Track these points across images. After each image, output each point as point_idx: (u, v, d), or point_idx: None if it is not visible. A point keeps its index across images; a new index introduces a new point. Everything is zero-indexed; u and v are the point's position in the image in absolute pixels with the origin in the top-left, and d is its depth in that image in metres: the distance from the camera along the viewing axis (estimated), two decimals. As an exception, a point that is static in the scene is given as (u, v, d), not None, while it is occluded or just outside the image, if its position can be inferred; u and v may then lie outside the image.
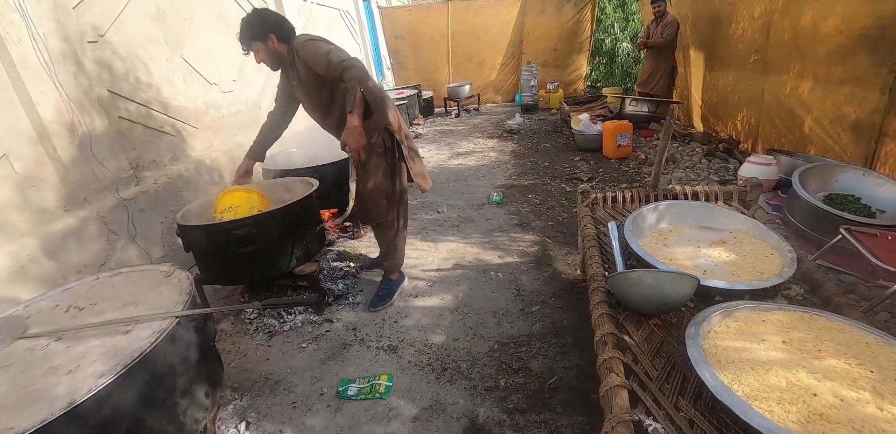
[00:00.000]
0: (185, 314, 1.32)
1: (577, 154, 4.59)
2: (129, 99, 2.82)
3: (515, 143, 5.29)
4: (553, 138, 5.41)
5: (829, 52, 3.23)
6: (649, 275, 1.22)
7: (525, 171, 4.22)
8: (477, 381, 1.69)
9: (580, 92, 7.93)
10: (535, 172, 4.15)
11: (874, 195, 2.28)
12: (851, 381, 0.95)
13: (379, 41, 8.70)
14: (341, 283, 2.43)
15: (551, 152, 4.81)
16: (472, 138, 5.66)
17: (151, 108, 2.98)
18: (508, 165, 4.43)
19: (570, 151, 4.75)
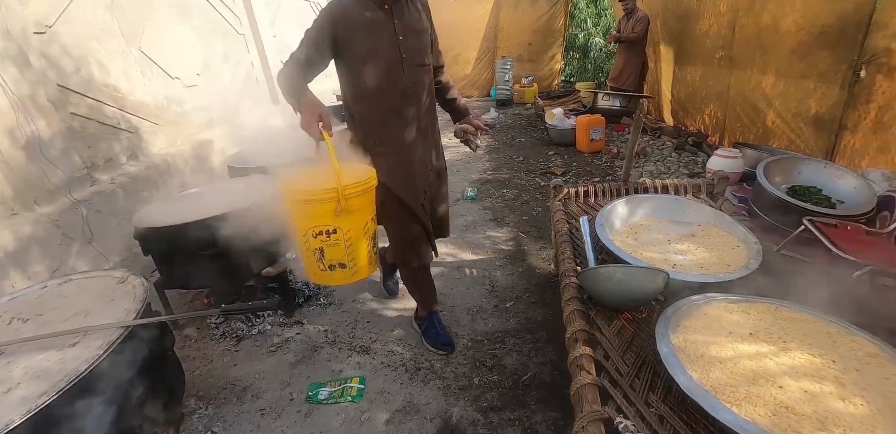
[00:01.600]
0: (138, 323, 1.25)
1: (552, 148, 4.61)
2: (82, 94, 2.66)
3: (490, 138, 5.28)
4: (528, 133, 5.41)
5: (791, 49, 3.32)
6: (619, 270, 1.21)
7: (500, 165, 4.21)
8: (451, 381, 1.66)
9: (555, 86, 7.98)
10: (509, 167, 4.15)
11: (834, 186, 2.34)
12: (815, 371, 0.96)
13: (351, 35, 8.53)
14: (312, 283, 2.37)
15: (526, 147, 4.82)
16: (447, 133, 5.61)
17: (106, 104, 2.82)
18: (483, 160, 4.41)
19: (544, 146, 4.76)
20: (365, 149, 1.60)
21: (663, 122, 5.21)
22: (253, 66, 4.88)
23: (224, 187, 2.50)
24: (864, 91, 2.75)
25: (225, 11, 4.38)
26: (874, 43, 2.66)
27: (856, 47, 2.78)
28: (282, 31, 5.59)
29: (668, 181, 2.03)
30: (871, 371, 0.97)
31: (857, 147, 2.77)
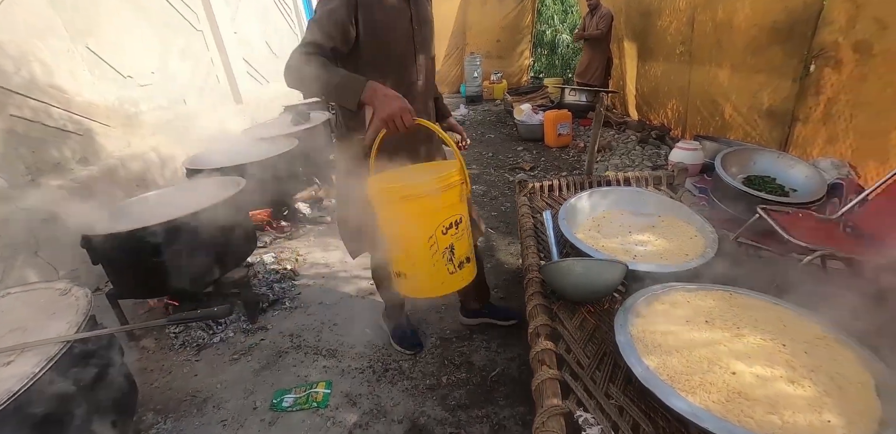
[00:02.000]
0: (78, 338, 1.17)
1: (521, 144, 4.63)
2: (24, 95, 2.50)
3: (460, 135, 5.27)
4: (497, 129, 5.43)
5: (745, 44, 3.42)
6: (578, 264, 1.21)
7: (469, 161, 4.20)
8: (419, 380, 1.64)
9: (524, 83, 8.03)
10: (479, 163, 4.14)
11: (787, 175, 2.43)
12: (767, 356, 0.98)
13: (318, 32, 8.37)
14: (277, 286, 2.30)
15: (495, 142, 4.83)
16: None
17: (51, 105, 2.67)
18: (453, 157, 4.39)
19: (513, 141, 4.78)
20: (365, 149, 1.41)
21: (628, 116, 5.31)
22: (213, 64, 4.71)
23: (181, 190, 2.40)
24: (814, 84, 2.86)
25: (181, 7, 4.21)
26: (822, 38, 2.77)
27: (805, 42, 2.88)
28: (243, 27, 5.41)
29: (630, 174, 2.06)
30: (820, 353, 1.00)
31: (808, 137, 2.89)
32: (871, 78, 2.45)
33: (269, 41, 6.26)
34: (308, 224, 3.04)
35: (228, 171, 2.58)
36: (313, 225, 3.04)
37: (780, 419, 0.83)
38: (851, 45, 2.58)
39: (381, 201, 1.16)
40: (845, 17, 2.61)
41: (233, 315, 2.10)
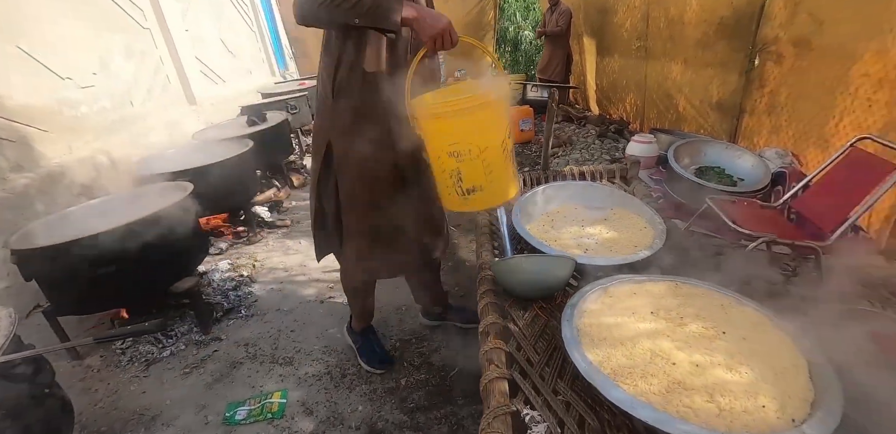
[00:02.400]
0: (-8, 359, 1.08)
1: (486, 141, 4.62)
2: (-57, 99, 2.32)
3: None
4: (463, 127, 5.41)
5: (696, 40, 3.52)
6: (526, 260, 1.21)
7: (434, 160, 4.18)
8: (377, 384, 1.60)
9: (488, 80, 8.05)
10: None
11: (735, 165, 2.52)
12: (707, 344, 1.00)
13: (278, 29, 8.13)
14: (233, 294, 2.21)
15: (461, 141, 4.81)
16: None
17: (-24, 109, 2.48)
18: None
19: (478, 139, 4.77)
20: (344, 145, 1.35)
21: (590, 111, 5.41)
22: (163, 63, 4.51)
23: (126, 197, 2.28)
24: (758, 77, 2.97)
25: (125, 3, 4.00)
26: (765, 33, 2.87)
27: (749, 37, 2.98)
28: (196, 25, 5.20)
29: (585, 168, 2.08)
30: (757, 339, 1.02)
31: (754, 128, 2.99)
32: (810, 71, 2.56)
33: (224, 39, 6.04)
34: (267, 228, 2.95)
35: (177, 175, 2.46)
36: (272, 229, 2.95)
37: (717, 407, 0.84)
38: (791, 40, 2.69)
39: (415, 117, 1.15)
40: (785, 13, 2.71)
41: (185, 326, 2.01)
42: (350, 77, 1.28)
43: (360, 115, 1.32)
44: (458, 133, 1.14)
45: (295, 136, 4.52)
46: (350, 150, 1.35)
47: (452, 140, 1.14)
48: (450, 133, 1.15)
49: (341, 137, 1.35)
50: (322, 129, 1.39)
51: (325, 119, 1.38)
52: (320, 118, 1.40)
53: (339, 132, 1.35)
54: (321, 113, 1.39)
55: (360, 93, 1.30)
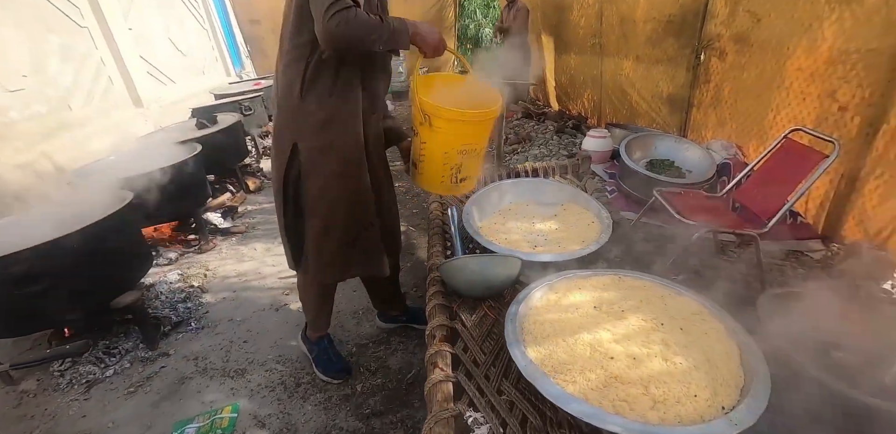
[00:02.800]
0: None
1: (448, 139, 4.60)
2: None
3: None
4: (425, 125, 5.37)
5: (646, 37, 3.61)
6: (471, 261, 1.19)
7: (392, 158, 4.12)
8: (332, 392, 1.56)
9: (451, 78, 8.04)
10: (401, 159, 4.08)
11: (683, 157, 2.60)
12: (645, 336, 1.02)
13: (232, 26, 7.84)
14: (182, 306, 2.11)
15: (423, 139, 4.77)
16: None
17: None
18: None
19: (440, 137, 4.74)
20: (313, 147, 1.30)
21: (550, 107, 5.48)
22: (104, 64, 4.26)
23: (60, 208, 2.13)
24: (704, 73, 3.07)
25: (59, 1, 3.75)
26: (709, 30, 2.97)
27: (695, 34, 3.08)
28: (140, 23, 4.95)
29: (538, 164, 2.09)
30: (694, 328, 1.05)
31: (701, 122, 3.10)
32: (749, 66, 2.66)
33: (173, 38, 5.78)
34: (220, 235, 2.83)
35: (119, 183, 2.33)
36: (226, 236, 2.84)
37: (651, 399, 0.85)
38: (732, 37, 2.79)
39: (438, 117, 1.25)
40: (726, 10, 2.81)
41: (129, 343, 1.90)
42: (321, 76, 1.25)
43: (331, 116, 1.29)
44: (475, 135, 1.33)
45: (251, 139, 4.37)
46: (320, 151, 1.31)
47: (469, 141, 1.32)
48: (470, 135, 1.31)
49: (311, 139, 1.30)
50: (286, 130, 1.33)
51: (291, 119, 1.31)
52: (284, 118, 1.33)
53: (308, 133, 1.30)
54: (285, 112, 1.32)
55: (333, 93, 1.27)
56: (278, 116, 1.34)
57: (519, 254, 1.33)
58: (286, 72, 1.27)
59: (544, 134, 3.93)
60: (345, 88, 1.27)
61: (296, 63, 1.24)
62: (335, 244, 1.40)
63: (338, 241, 1.39)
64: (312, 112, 1.28)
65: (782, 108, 2.46)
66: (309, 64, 1.23)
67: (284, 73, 1.28)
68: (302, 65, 1.24)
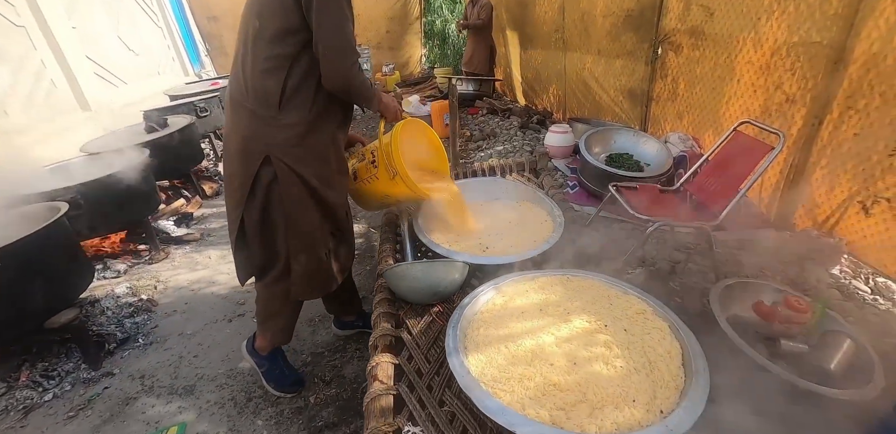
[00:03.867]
0: None
1: (414, 137, 4.54)
2: None
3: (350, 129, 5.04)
4: (391, 123, 5.29)
5: (607, 31, 3.62)
6: (413, 267, 1.15)
7: (361, 159, 4.04)
8: (285, 405, 1.50)
9: (417, 74, 7.96)
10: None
11: (642, 151, 2.62)
12: (588, 338, 1.00)
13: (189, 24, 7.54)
14: (129, 322, 2.00)
15: (389, 138, 4.69)
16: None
17: None
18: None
19: (407, 135, 4.67)
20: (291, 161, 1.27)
21: (517, 102, 5.47)
22: (45, 66, 4.02)
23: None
24: (661, 66, 3.09)
25: (-12, -3, 3.51)
26: (665, 24, 2.99)
27: (652, 29, 3.10)
28: (85, 20, 4.70)
29: (495, 162, 2.06)
30: (637, 328, 1.04)
31: (660, 115, 3.13)
32: (703, 59, 2.70)
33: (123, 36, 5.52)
34: (173, 244, 2.71)
35: (57, 194, 2.19)
36: (180, 244, 2.72)
37: (589, 406, 0.83)
38: (687, 31, 2.82)
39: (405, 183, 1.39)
40: (680, 5, 2.83)
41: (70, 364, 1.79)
42: (303, 89, 1.24)
43: (311, 129, 1.27)
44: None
45: (209, 141, 4.21)
46: (299, 164, 1.27)
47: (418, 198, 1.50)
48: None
49: (288, 151, 1.26)
50: (257, 140, 1.26)
51: (264, 130, 1.25)
52: (256, 128, 1.26)
53: (286, 145, 1.26)
54: (257, 121, 1.25)
55: (314, 106, 1.26)
56: (246, 126, 1.27)
57: (465, 257, 1.29)
58: (263, 79, 1.22)
59: (508, 130, 3.91)
60: (325, 102, 1.27)
61: (274, 73, 1.22)
62: (318, 258, 1.37)
63: (322, 255, 1.37)
64: (292, 124, 1.25)
65: (735, 101, 2.50)
66: (290, 76, 1.22)
67: (261, 80, 1.23)
68: (281, 75, 1.22)
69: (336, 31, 1.17)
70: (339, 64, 1.20)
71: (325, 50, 1.18)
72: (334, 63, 1.20)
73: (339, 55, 1.19)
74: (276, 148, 1.25)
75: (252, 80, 1.23)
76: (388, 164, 1.39)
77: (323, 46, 1.18)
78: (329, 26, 1.16)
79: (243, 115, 1.26)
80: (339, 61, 1.20)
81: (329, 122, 1.32)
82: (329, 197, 1.34)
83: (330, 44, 1.18)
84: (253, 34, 1.21)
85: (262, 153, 1.25)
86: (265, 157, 1.25)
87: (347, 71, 1.21)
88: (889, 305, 1.87)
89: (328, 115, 1.31)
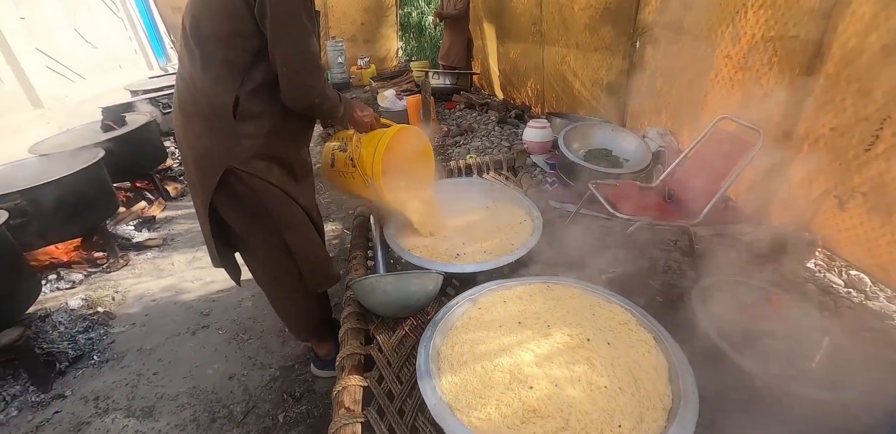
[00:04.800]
0: None
1: (391, 133, 4.41)
2: None
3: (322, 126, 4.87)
4: (368, 118, 5.14)
5: (585, 24, 3.56)
6: (384, 280, 1.07)
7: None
8: (252, 425, 1.41)
9: (394, 67, 7.78)
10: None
11: (621, 147, 2.57)
12: (570, 355, 0.93)
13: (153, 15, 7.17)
14: (84, 338, 1.86)
15: (365, 134, 4.55)
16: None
17: None
18: (314, 151, 4.05)
19: (382, 130, 4.54)
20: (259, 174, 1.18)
21: (495, 96, 5.39)
22: (-10, 60, 3.76)
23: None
24: (640, 60, 3.05)
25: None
26: (643, 17, 2.94)
27: (630, 22, 3.05)
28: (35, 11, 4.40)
29: (472, 160, 1.99)
30: (621, 341, 0.98)
31: (639, 110, 3.10)
32: (682, 53, 2.66)
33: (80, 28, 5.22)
34: (134, 250, 2.55)
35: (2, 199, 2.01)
36: (141, 250, 2.56)
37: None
38: (665, 25, 2.77)
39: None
40: (658, -3, 2.79)
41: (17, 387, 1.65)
42: (260, 97, 1.13)
43: (274, 137, 1.18)
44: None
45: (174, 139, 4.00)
46: (266, 173, 1.18)
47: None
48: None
49: (252, 162, 1.16)
50: (214, 155, 1.15)
51: (221, 142, 1.14)
52: (212, 141, 1.14)
53: (248, 157, 1.15)
54: (212, 133, 1.14)
55: (273, 113, 1.16)
56: (202, 135, 1.15)
57: (439, 266, 1.21)
58: (215, 87, 1.10)
59: (486, 125, 3.83)
60: (285, 107, 1.16)
61: (226, 81, 1.10)
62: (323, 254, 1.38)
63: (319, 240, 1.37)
64: (252, 135, 1.15)
65: (712, 96, 2.48)
66: (244, 84, 1.10)
67: (213, 88, 1.10)
68: (235, 83, 1.10)
69: (295, 47, 1.06)
70: (300, 82, 1.09)
71: (286, 68, 1.07)
72: (295, 82, 1.09)
73: (301, 74, 1.08)
74: (235, 161, 1.15)
75: (202, 88, 1.11)
76: (366, 175, 1.31)
77: (282, 63, 1.07)
78: (287, 41, 1.05)
79: (196, 125, 1.15)
80: (300, 80, 1.09)
81: (292, 130, 1.23)
82: (299, 199, 1.27)
83: (289, 61, 1.06)
84: (198, 34, 1.08)
85: (221, 166, 1.15)
86: (225, 171, 1.15)
87: (309, 91, 1.11)
88: (862, 298, 1.88)
89: (291, 122, 1.21)
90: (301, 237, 1.28)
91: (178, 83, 1.19)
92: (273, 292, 1.41)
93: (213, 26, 1.06)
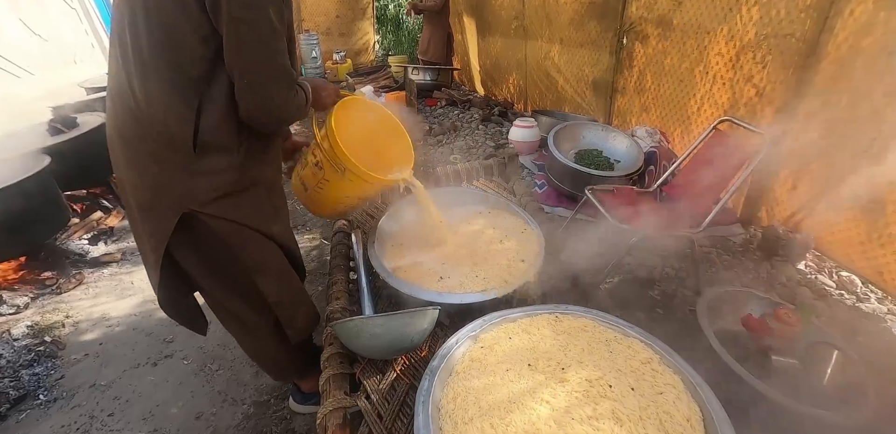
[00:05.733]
0: None
1: (368, 132, 4.22)
2: None
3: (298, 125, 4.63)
4: (344, 116, 4.91)
5: (569, 19, 3.44)
6: (370, 322, 0.92)
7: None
8: (223, 477, 1.25)
9: (371, 62, 7.53)
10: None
11: (612, 147, 2.48)
12: (592, 407, 0.81)
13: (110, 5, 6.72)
14: (27, 373, 1.65)
15: (341, 132, 4.34)
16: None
17: None
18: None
19: (360, 129, 4.34)
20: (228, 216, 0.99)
21: (476, 92, 5.25)
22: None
23: None
24: (627, 57, 2.96)
25: None
26: (631, 13, 2.84)
27: (618, 17, 2.94)
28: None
29: (460, 166, 1.84)
30: (646, 386, 0.86)
31: (626, 107, 3.01)
32: (672, 51, 2.57)
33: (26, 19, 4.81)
34: (88, 267, 2.31)
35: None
36: (96, 267, 2.32)
37: (605, 515, 0.64)
38: (654, 20, 2.68)
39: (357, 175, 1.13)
40: (648, -7, 2.68)
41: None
42: (226, 123, 0.91)
43: (245, 172, 0.98)
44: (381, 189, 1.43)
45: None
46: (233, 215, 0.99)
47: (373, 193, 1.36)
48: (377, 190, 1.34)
49: (217, 205, 0.96)
50: (168, 196, 0.94)
51: (177, 183, 0.92)
52: (165, 179, 0.93)
53: (212, 199, 0.95)
54: (165, 170, 0.91)
55: (241, 143, 0.96)
56: (150, 172, 0.93)
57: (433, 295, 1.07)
58: (166, 112, 0.87)
59: (470, 123, 3.69)
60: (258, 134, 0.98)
61: (181, 103, 0.87)
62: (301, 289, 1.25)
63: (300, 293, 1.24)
64: (217, 171, 0.94)
65: (704, 94, 2.40)
66: (204, 102, 0.87)
67: (163, 112, 0.87)
68: (191, 109, 0.87)
69: (258, 52, 0.84)
70: (261, 102, 0.88)
71: (246, 79, 0.85)
72: (255, 101, 0.87)
73: (265, 87, 0.87)
74: (196, 202, 0.94)
75: (149, 112, 0.87)
76: (332, 160, 1.11)
77: (241, 73, 0.85)
78: (249, 47, 0.83)
79: (142, 160, 0.92)
80: (264, 93, 0.87)
81: (266, 159, 1.04)
82: (275, 236, 1.10)
83: (252, 70, 0.85)
84: (136, 32, 0.84)
85: (178, 210, 0.94)
86: (183, 213, 0.95)
87: (276, 108, 0.90)
88: (854, 300, 1.86)
89: (265, 150, 1.03)
90: (278, 283, 1.10)
91: (113, 108, 0.94)
92: (243, 340, 1.23)
93: (157, 22, 0.82)
